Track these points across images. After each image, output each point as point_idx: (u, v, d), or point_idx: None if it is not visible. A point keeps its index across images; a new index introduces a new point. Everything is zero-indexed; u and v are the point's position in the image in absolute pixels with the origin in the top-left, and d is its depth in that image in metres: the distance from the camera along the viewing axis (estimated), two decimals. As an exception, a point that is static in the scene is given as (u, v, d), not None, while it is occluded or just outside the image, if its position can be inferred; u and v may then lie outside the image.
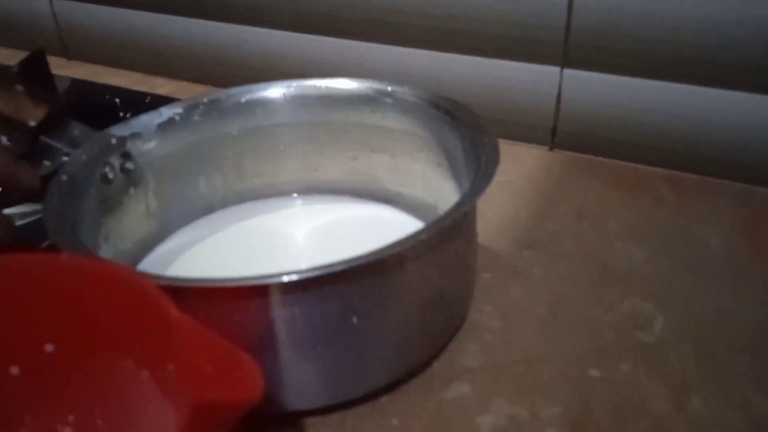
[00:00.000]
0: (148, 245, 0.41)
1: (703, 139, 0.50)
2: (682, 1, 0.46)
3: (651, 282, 0.40)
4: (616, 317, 0.38)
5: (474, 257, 0.36)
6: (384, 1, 0.55)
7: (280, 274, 0.25)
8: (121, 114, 0.61)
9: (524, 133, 0.55)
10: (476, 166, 0.34)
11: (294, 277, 0.25)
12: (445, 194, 0.41)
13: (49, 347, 0.24)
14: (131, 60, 0.72)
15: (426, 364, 0.34)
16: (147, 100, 0.64)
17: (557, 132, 0.54)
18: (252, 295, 0.26)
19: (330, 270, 0.25)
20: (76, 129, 0.37)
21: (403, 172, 0.43)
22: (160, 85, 0.69)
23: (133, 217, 0.39)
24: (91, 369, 0.23)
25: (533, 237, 0.45)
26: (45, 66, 0.61)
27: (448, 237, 0.30)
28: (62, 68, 0.74)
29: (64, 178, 0.34)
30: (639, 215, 0.47)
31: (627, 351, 0.35)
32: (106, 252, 0.36)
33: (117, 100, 0.63)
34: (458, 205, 0.29)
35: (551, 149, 0.55)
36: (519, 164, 0.53)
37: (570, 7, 0.49)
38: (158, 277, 0.25)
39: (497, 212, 0.47)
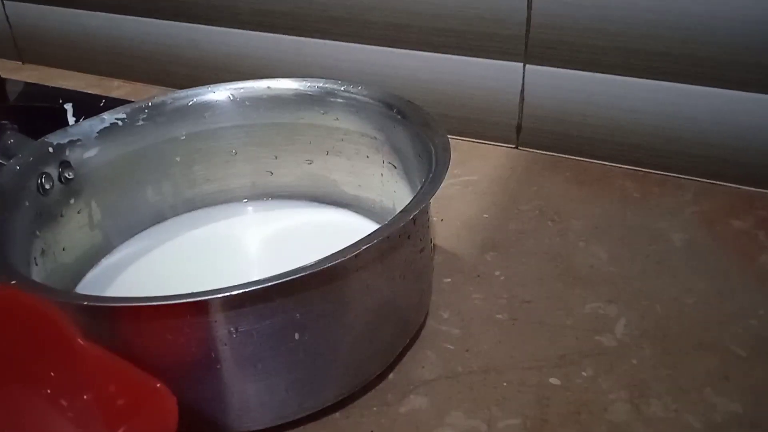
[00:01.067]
0: (93, 258, 0.39)
1: (666, 134, 0.49)
2: (643, -6, 0.45)
3: (613, 283, 0.39)
4: (578, 321, 0.37)
5: (428, 264, 0.34)
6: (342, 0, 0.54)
7: (211, 292, 0.24)
8: (73, 119, 0.59)
9: (490, 132, 0.54)
10: (428, 170, 0.32)
11: (226, 295, 0.24)
12: (401, 197, 0.39)
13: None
14: (87, 62, 0.70)
15: (381, 376, 0.33)
16: (102, 104, 0.62)
17: (522, 129, 0.53)
18: (183, 314, 0.24)
19: (262, 286, 0.24)
20: (11, 138, 0.35)
21: (360, 175, 0.42)
22: (117, 88, 0.67)
23: (75, 229, 0.37)
24: (5, 399, 0.22)
25: (496, 239, 0.43)
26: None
27: (395, 245, 0.29)
28: (16, 72, 0.72)
29: (-6, 190, 0.32)
30: (602, 213, 0.46)
31: (587, 356, 0.34)
32: (42, 267, 0.34)
33: (70, 104, 0.61)
34: (404, 213, 0.28)
35: (516, 147, 0.54)
36: (484, 163, 0.52)
37: (530, 1, 0.48)
38: (83, 298, 0.24)
39: (460, 214, 0.46)
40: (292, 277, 0.24)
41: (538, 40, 0.49)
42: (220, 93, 0.41)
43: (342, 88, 0.40)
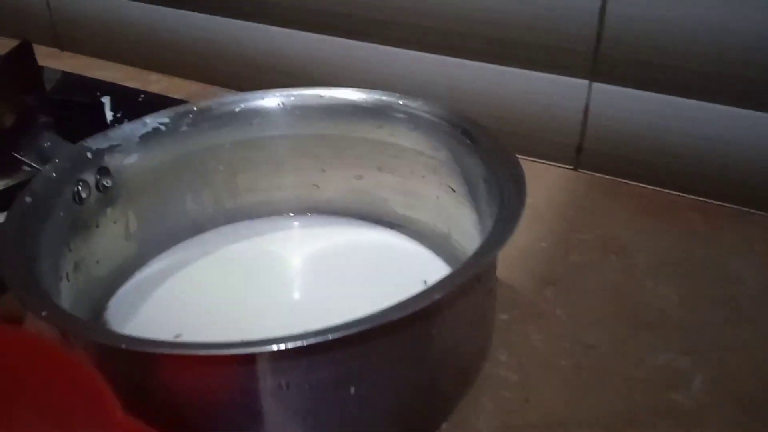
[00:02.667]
0: (126, 271, 0.37)
1: (739, 165, 0.45)
2: (727, 13, 0.41)
3: (686, 330, 0.36)
4: (649, 373, 0.33)
5: (492, 305, 0.31)
6: (400, 2, 0.51)
7: (265, 343, 0.21)
8: (111, 113, 0.57)
9: (547, 151, 0.51)
10: (499, 202, 0.29)
11: (280, 347, 0.21)
12: (460, 224, 0.36)
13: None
14: (126, 53, 0.68)
15: (434, 426, 0.30)
16: (140, 98, 0.60)
17: (582, 151, 0.50)
18: (230, 363, 0.22)
19: (322, 338, 0.21)
20: (48, 141, 0.33)
21: (413, 195, 0.39)
22: (155, 81, 0.65)
23: (110, 240, 0.35)
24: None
25: (556, 271, 0.40)
26: (32, 59, 0.57)
27: (465, 290, 0.26)
28: (54, 60, 0.70)
29: (28, 199, 0.30)
30: (670, 248, 0.42)
31: (660, 415, 0.31)
32: (74, 282, 0.31)
33: (107, 98, 0.59)
34: (480, 255, 0.25)
35: (575, 169, 0.50)
36: (540, 185, 0.48)
37: (602, 14, 0.45)
38: (120, 339, 0.21)
39: (516, 241, 0.42)
40: (355, 330, 0.21)
41: (608, 56, 0.46)
42: (269, 100, 0.39)
43: (401, 102, 0.37)
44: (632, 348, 0.35)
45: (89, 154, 0.33)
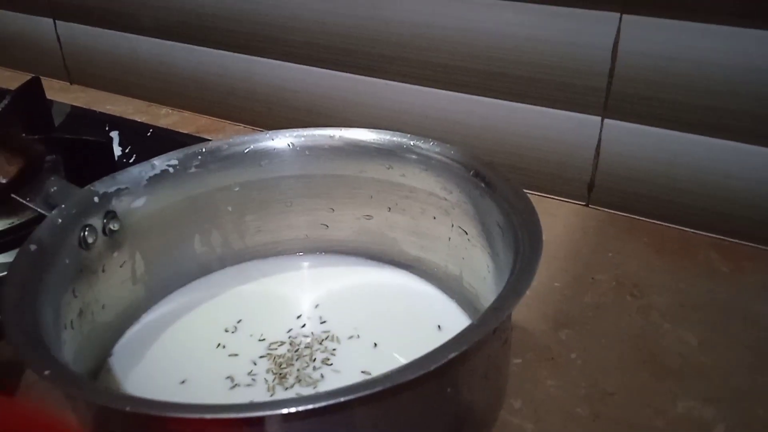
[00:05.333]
0: (133, 314, 0.36)
1: (758, 202, 0.44)
2: (737, 49, 0.41)
3: (708, 377, 0.35)
4: (670, 423, 0.32)
5: (508, 354, 0.31)
6: (411, 38, 0.51)
7: (267, 406, 0.20)
8: (119, 149, 0.57)
9: (558, 187, 0.50)
10: (514, 249, 0.28)
11: (289, 410, 0.20)
12: (472, 266, 0.36)
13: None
14: (136, 87, 0.68)
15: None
16: (149, 133, 0.60)
17: (594, 187, 0.49)
18: (237, 426, 0.21)
19: (333, 401, 0.20)
20: (54, 185, 0.32)
21: (425, 236, 0.38)
22: (164, 116, 0.65)
23: (117, 284, 0.34)
24: None
25: (570, 313, 0.39)
26: (41, 96, 0.57)
27: (482, 344, 0.25)
28: (64, 93, 0.70)
29: (33, 248, 0.29)
30: (687, 289, 0.41)
31: (685, 470, 0.30)
32: (78, 330, 0.31)
33: (116, 132, 0.59)
34: (498, 310, 0.24)
35: (587, 205, 0.50)
36: (552, 222, 0.48)
37: (615, 52, 0.44)
38: (129, 402, 0.20)
39: (528, 281, 0.42)
40: (367, 392, 0.21)
41: (620, 93, 0.45)
42: (279, 140, 0.38)
43: (412, 143, 0.37)
44: (652, 396, 0.34)
45: (96, 198, 0.33)
